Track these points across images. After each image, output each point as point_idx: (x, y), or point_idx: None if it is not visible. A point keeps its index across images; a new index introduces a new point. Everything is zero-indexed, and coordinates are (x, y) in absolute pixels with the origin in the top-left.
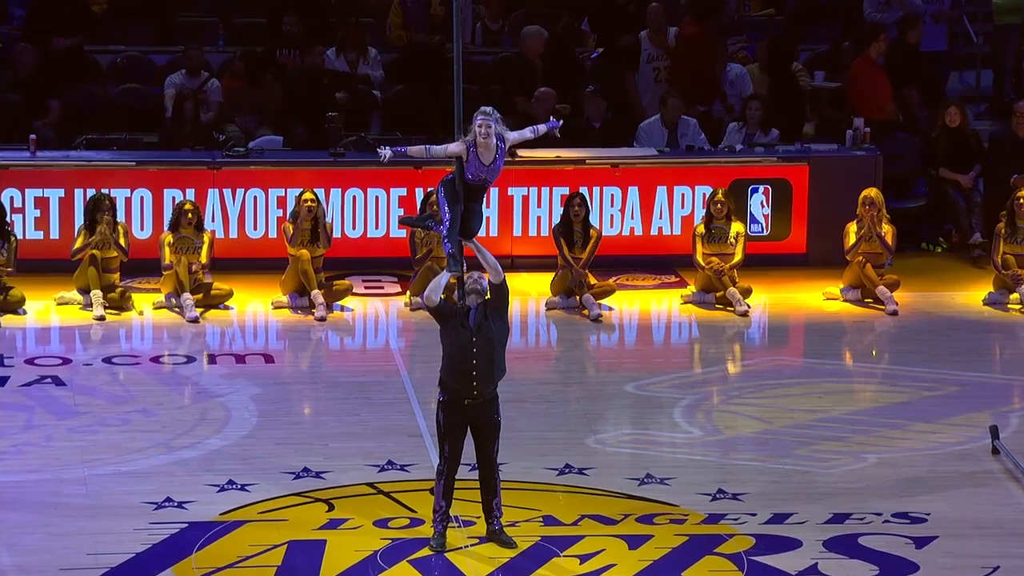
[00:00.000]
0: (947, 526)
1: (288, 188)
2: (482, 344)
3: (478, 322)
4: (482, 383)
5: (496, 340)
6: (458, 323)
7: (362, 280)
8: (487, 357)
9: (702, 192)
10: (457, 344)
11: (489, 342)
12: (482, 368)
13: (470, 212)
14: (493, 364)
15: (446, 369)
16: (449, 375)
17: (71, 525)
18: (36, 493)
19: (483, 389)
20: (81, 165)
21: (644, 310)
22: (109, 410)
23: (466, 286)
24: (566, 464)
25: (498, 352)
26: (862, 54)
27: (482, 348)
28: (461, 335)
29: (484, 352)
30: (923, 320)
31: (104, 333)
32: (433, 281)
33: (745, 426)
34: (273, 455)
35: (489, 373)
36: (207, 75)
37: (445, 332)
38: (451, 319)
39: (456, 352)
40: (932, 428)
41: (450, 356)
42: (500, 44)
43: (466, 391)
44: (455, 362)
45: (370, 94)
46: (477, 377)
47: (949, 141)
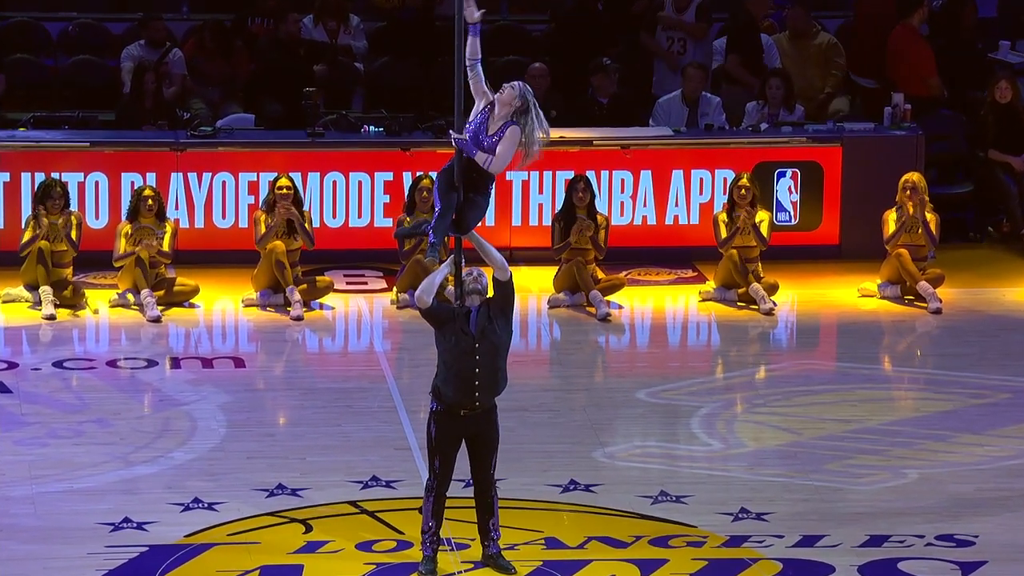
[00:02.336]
0: (997, 550)
1: (260, 172)
2: (485, 350)
3: (481, 326)
4: (484, 393)
5: (501, 346)
6: (457, 327)
7: (343, 275)
8: (491, 365)
9: (723, 176)
10: (457, 351)
11: (493, 348)
12: (485, 377)
13: (469, 203)
14: (497, 372)
15: (443, 378)
16: (447, 385)
17: (18, 549)
18: None
19: (485, 400)
20: (28, 146)
21: (658, 308)
22: (60, 420)
23: (466, 285)
24: (571, 480)
25: (502, 359)
26: (903, 22)
27: (485, 355)
28: (462, 341)
29: (488, 359)
30: (970, 319)
31: (54, 334)
32: (426, 280)
33: (771, 438)
34: (244, 470)
35: (493, 382)
36: (169, 45)
37: (442, 337)
38: (448, 323)
39: (456, 360)
40: (980, 440)
41: (448, 364)
42: (497, 11)
43: (466, 402)
44: (455, 371)
45: (352, 67)
46: (480, 387)
47: (999, 119)
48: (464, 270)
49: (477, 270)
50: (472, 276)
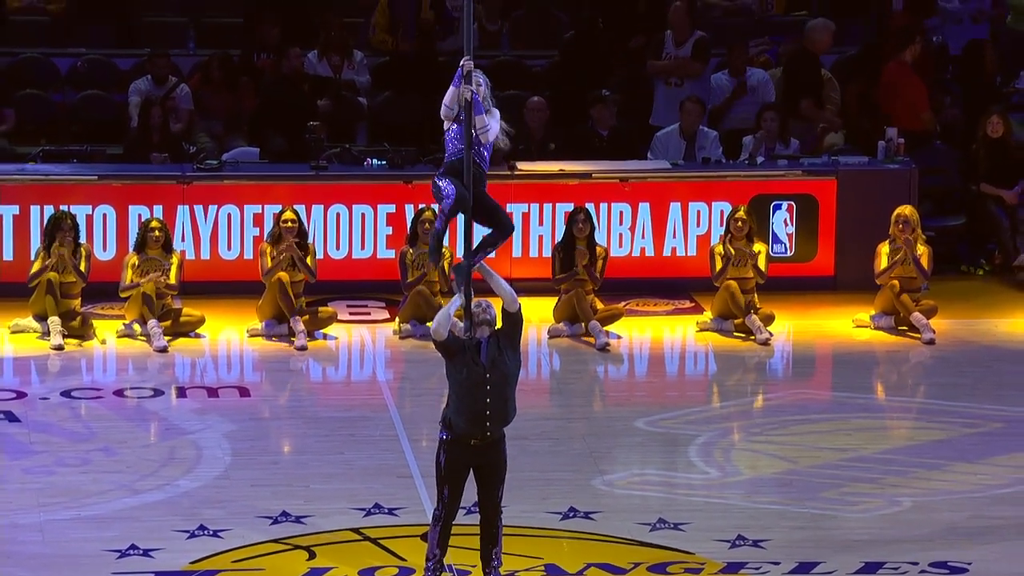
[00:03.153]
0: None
1: (265, 205)
2: (496, 381)
3: (491, 357)
4: (495, 424)
5: (511, 376)
6: (468, 358)
7: (347, 305)
8: (501, 395)
9: (720, 209)
10: (469, 382)
11: (504, 378)
12: (496, 407)
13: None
14: (507, 402)
15: (455, 409)
16: (459, 415)
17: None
18: None
19: (495, 430)
20: (38, 180)
21: (656, 338)
22: (68, 449)
23: (475, 317)
24: (571, 507)
25: (512, 389)
26: (896, 57)
27: (496, 385)
28: (473, 372)
29: (498, 389)
30: (963, 350)
31: (63, 364)
32: (440, 313)
33: (767, 466)
34: (249, 498)
35: (503, 412)
36: (176, 80)
37: (454, 369)
38: (459, 354)
39: (468, 391)
40: (974, 469)
41: (460, 395)
42: (498, 47)
43: (477, 432)
44: (467, 402)
45: (355, 101)
46: (491, 417)
47: (991, 153)
48: (473, 301)
49: (486, 302)
50: (481, 307)
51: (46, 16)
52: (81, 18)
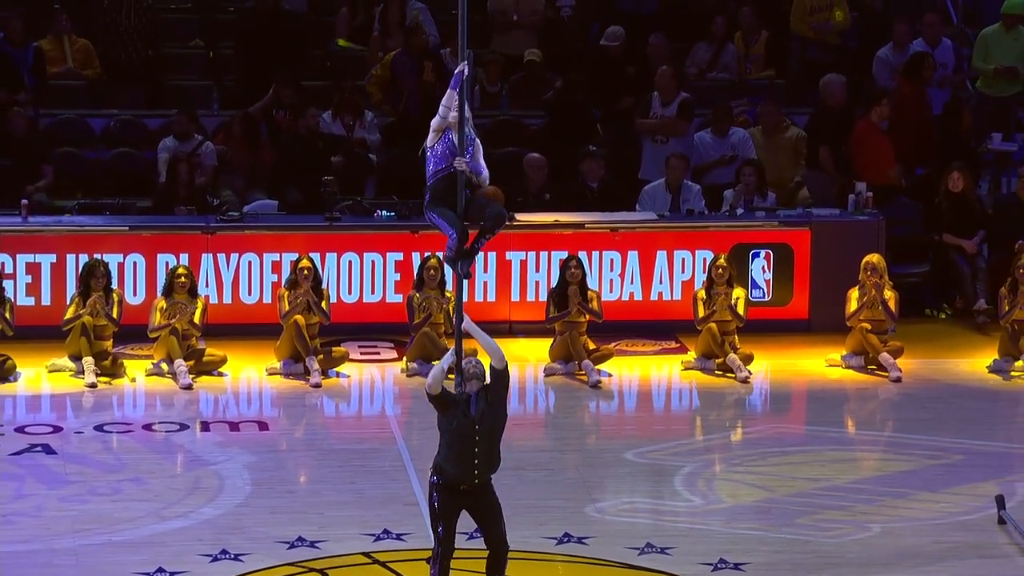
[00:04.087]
0: None
1: (283, 253)
2: (484, 432)
3: (480, 409)
4: (482, 471)
5: (498, 428)
6: (459, 411)
7: (358, 346)
8: (489, 445)
9: (703, 257)
10: (459, 433)
11: (491, 430)
12: (484, 456)
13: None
14: (494, 451)
15: (445, 456)
16: (448, 462)
17: None
18: (26, 564)
19: (483, 477)
20: (73, 230)
21: (644, 376)
22: (100, 479)
23: (466, 372)
24: (565, 533)
25: (498, 439)
26: (864, 118)
27: (484, 436)
28: (463, 424)
29: (486, 440)
30: (927, 388)
31: (96, 400)
32: (434, 369)
33: (747, 495)
34: (267, 524)
35: (490, 461)
36: (200, 138)
37: (445, 420)
38: (451, 407)
39: (458, 441)
40: (937, 498)
41: (451, 444)
42: (498, 107)
43: (466, 478)
44: (457, 450)
45: (366, 158)
46: (479, 465)
47: (952, 206)
48: (464, 359)
49: (476, 359)
50: (471, 364)
51: (82, 80)
52: (114, 82)
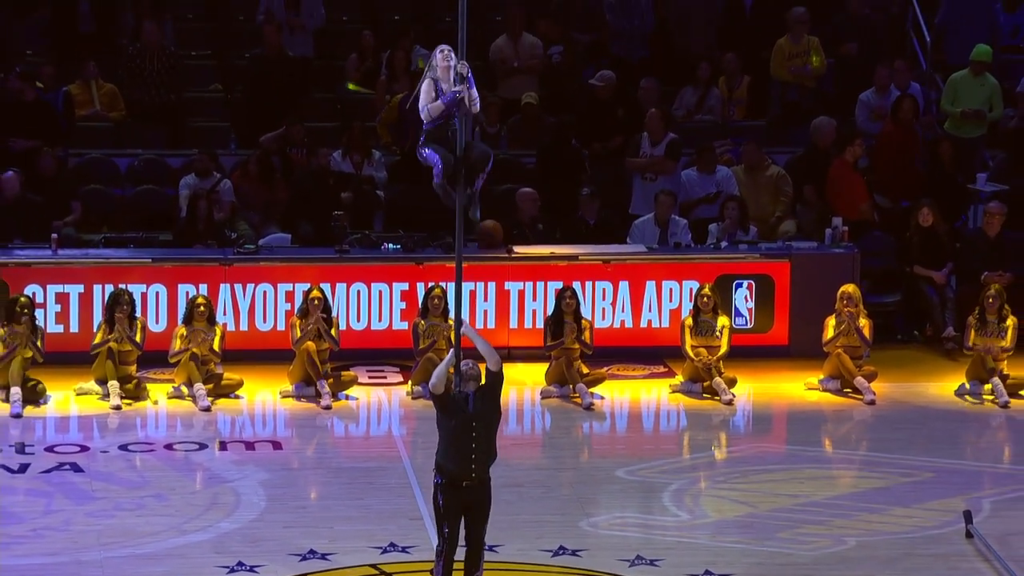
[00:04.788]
0: None
1: (296, 283)
2: (481, 428)
3: (477, 407)
4: (480, 465)
5: (493, 423)
6: (458, 409)
7: (366, 370)
8: (485, 440)
9: (689, 287)
10: (458, 429)
11: (487, 426)
12: (481, 450)
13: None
14: (490, 446)
15: (444, 453)
16: (448, 459)
17: None
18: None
19: (480, 471)
20: (100, 262)
21: (634, 399)
22: (125, 495)
23: (463, 373)
24: (560, 546)
25: (494, 434)
26: (839, 157)
27: (480, 432)
28: (462, 420)
29: (483, 435)
30: (899, 410)
31: (120, 422)
32: (438, 369)
33: (731, 510)
34: (281, 537)
35: (487, 454)
36: (219, 176)
37: (444, 418)
38: (452, 405)
39: (456, 436)
40: (909, 512)
41: (450, 440)
42: (498, 147)
43: (465, 473)
44: (455, 446)
45: (373, 194)
46: (476, 460)
47: (922, 240)
48: (462, 361)
49: (472, 361)
50: (469, 366)
51: (108, 122)
52: (138, 124)
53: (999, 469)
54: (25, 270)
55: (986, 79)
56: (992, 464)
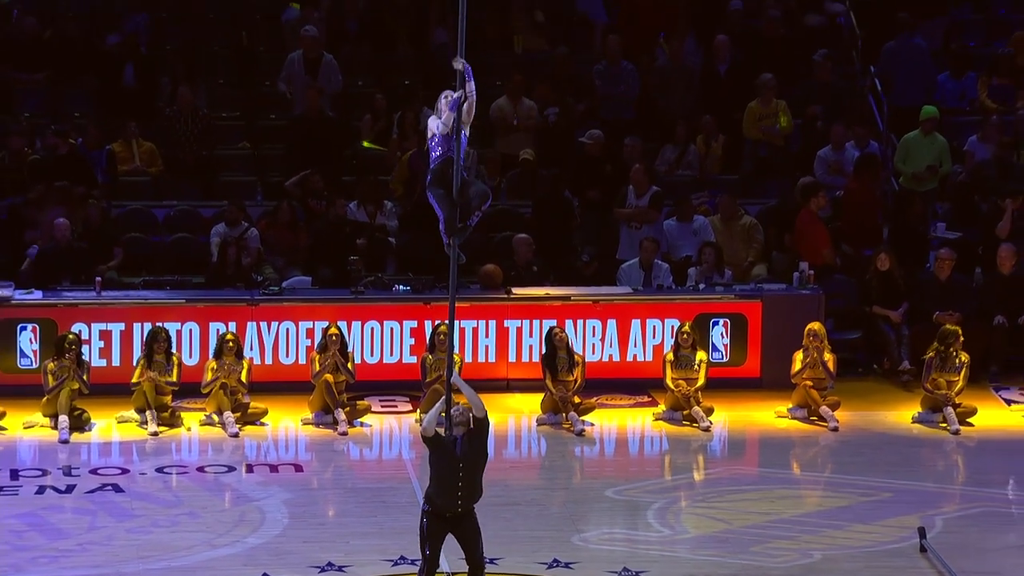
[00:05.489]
0: None
1: (316, 321)
2: (467, 469)
3: (464, 450)
4: (465, 501)
5: (479, 465)
6: (448, 451)
7: (379, 400)
8: (471, 480)
9: (671, 325)
10: (447, 469)
11: (473, 467)
12: (467, 489)
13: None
14: (476, 485)
15: (434, 488)
16: (437, 493)
17: None
18: None
19: (466, 506)
20: (139, 303)
21: (621, 426)
22: (161, 513)
23: (454, 418)
24: (554, 559)
25: (479, 475)
26: (805, 208)
27: (467, 472)
28: (450, 460)
29: (468, 475)
30: (860, 436)
31: (157, 447)
32: (428, 416)
33: (708, 526)
34: (302, 551)
35: (472, 492)
36: (247, 225)
37: (436, 457)
38: (441, 447)
39: (445, 475)
40: (869, 529)
41: (439, 478)
42: (498, 197)
43: (451, 508)
44: (444, 484)
45: (386, 241)
46: (462, 497)
47: (880, 282)
48: (453, 407)
49: (463, 406)
50: (459, 411)
51: (148, 177)
52: (174, 178)
53: (950, 490)
54: (72, 310)
55: (935, 138)
56: (944, 485)
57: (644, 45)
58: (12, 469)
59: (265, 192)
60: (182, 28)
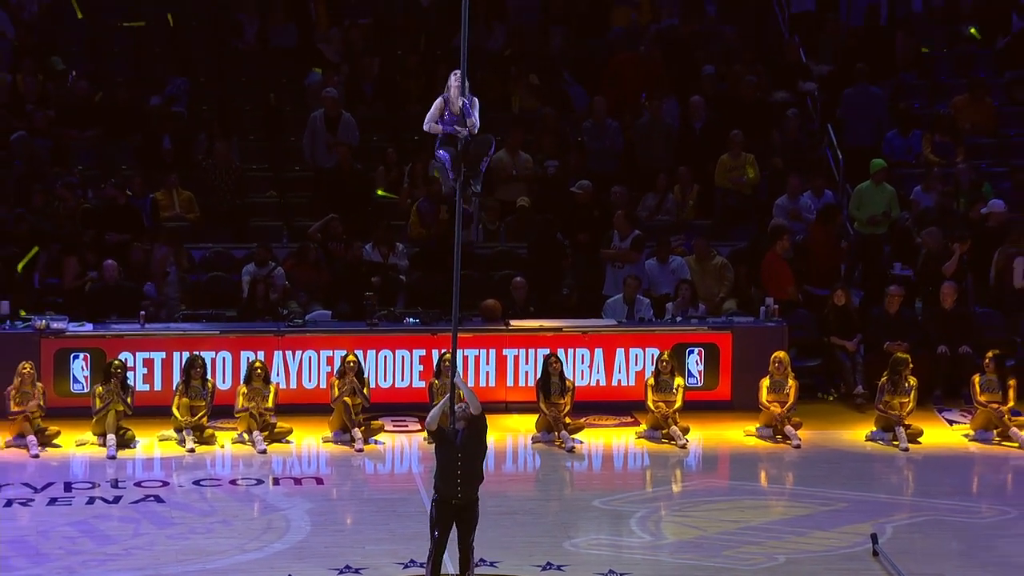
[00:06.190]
0: None
1: (335, 350)
2: (466, 459)
3: (463, 442)
4: (464, 487)
5: (477, 456)
6: (450, 443)
7: (391, 420)
8: (470, 468)
9: (651, 353)
10: (449, 459)
11: (472, 456)
12: (466, 476)
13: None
14: (475, 473)
15: (439, 476)
16: (440, 480)
17: None
18: None
19: (465, 492)
20: (178, 334)
21: (607, 443)
22: (197, 521)
23: (457, 414)
24: (548, 562)
25: (477, 465)
26: (770, 250)
27: (466, 462)
28: (452, 452)
29: (467, 464)
30: (820, 452)
31: (194, 462)
32: (433, 411)
33: (685, 533)
34: (322, 555)
35: (471, 479)
36: (274, 265)
37: (440, 449)
38: (444, 440)
39: (448, 465)
40: (828, 535)
41: (442, 467)
42: (497, 240)
43: (452, 493)
44: (447, 472)
45: (397, 279)
46: (461, 483)
47: (837, 316)
48: (456, 405)
49: (464, 405)
50: (461, 408)
51: (186, 222)
52: (209, 223)
53: (900, 500)
54: (119, 340)
55: (884, 187)
56: (895, 496)
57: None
58: (66, 482)
59: (290, 235)
60: (217, 90)
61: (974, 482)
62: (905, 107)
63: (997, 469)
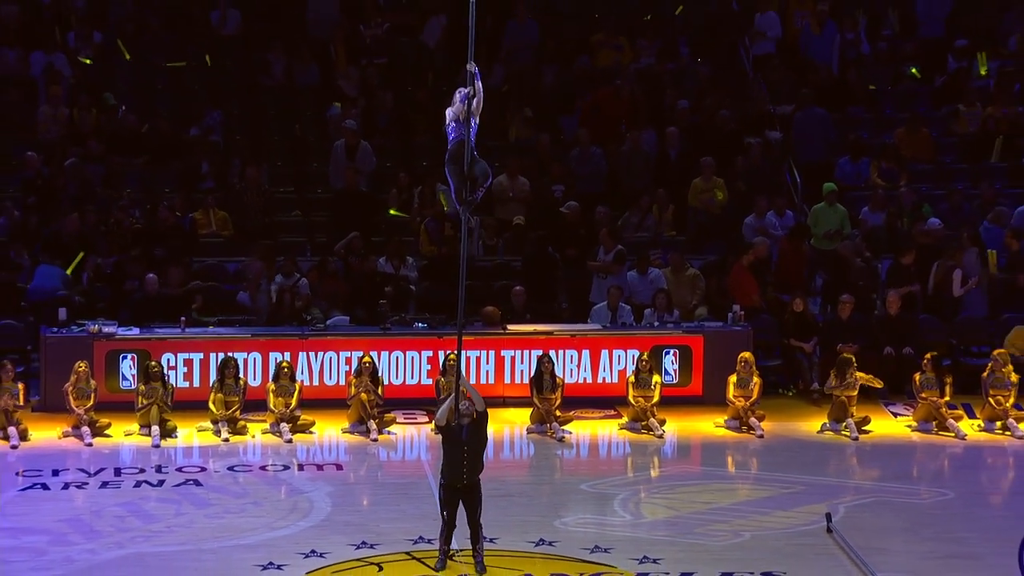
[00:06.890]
0: None
1: (353, 351)
2: (470, 451)
3: (468, 436)
4: (470, 474)
5: (480, 447)
6: (456, 437)
7: (402, 413)
8: (474, 459)
9: (632, 354)
10: (455, 450)
11: (475, 449)
12: (470, 466)
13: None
14: (477, 462)
15: (446, 465)
16: (447, 469)
17: None
18: (183, 559)
19: (470, 478)
20: (214, 337)
21: (593, 434)
22: (231, 502)
23: (462, 411)
24: (540, 538)
25: (480, 456)
26: (738, 262)
27: (470, 453)
28: (458, 444)
29: (472, 455)
30: (780, 441)
31: (228, 450)
32: (441, 409)
33: (662, 512)
34: (342, 532)
35: (474, 469)
36: (299, 276)
37: (445, 443)
38: (450, 434)
39: (454, 456)
40: (788, 514)
41: (449, 458)
42: (496, 254)
43: (458, 480)
44: (453, 462)
45: (408, 288)
46: (466, 472)
47: (796, 321)
48: (461, 403)
49: (468, 402)
50: (465, 406)
51: (221, 239)
52: (242, 239)
53: (850, 483)
54: (161, 343)
55: (836, 208)
56: (846, 480)
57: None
58: (116, 467)
59: (313, 250)
60: (249, 122)
61: (915, 468)
62: (855, 137)
63: (935, 456)
